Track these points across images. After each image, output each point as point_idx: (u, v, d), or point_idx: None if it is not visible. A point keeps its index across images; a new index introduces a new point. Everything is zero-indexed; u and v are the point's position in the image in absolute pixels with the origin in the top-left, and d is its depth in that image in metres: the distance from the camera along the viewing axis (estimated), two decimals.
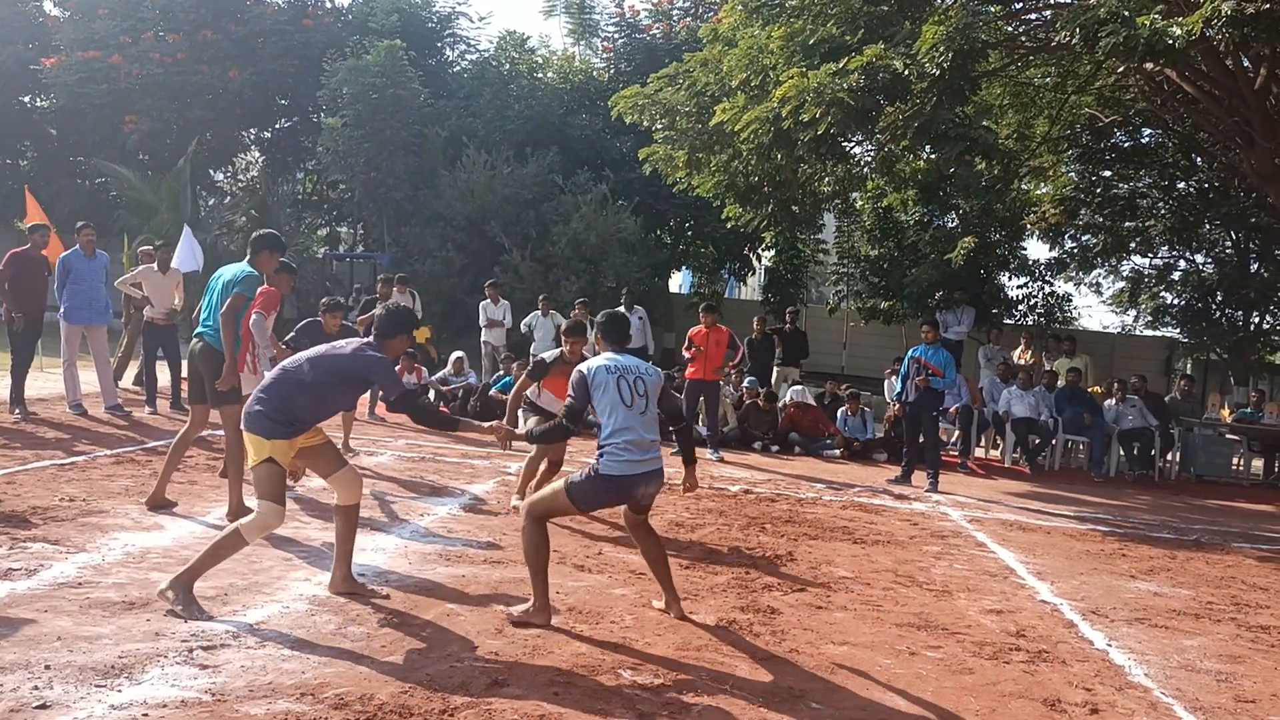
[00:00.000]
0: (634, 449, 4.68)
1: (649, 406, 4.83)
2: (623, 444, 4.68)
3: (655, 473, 4.80)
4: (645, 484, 4.77)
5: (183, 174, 21.11)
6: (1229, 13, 8.23)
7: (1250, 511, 10.95)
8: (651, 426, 4.81)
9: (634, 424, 4.72)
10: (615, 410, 4.73)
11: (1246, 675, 4.89)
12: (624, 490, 4.75)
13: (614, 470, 4.69)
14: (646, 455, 4.73)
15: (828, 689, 4.20)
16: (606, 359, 4.90)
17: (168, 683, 3.67)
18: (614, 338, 5.06)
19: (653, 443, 4.78)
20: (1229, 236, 19.49)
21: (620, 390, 4.76)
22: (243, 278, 6.63)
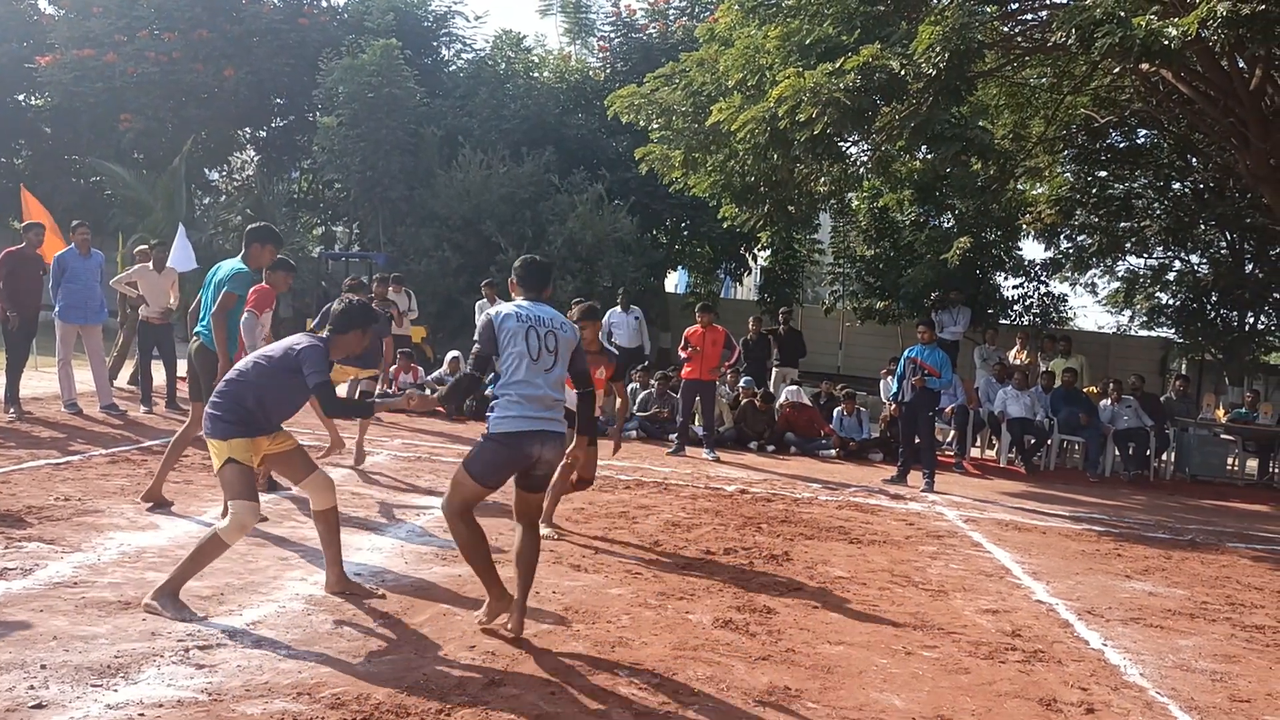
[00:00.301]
0: (528, 403, 4.33)
1: (557, 364, 4.46)
2: (516, 397, 4.33)
3: (553, 435, 4.41)
4: (541, 444, 4.36)
5: (178, 173, 21.09)
6: (1224, 14, 8.26)
7: (1245, 511, 10.98)
8: (557, 387, 4.46)
9: (536, 380, 4.37)
10: (519, 363, 4.37)
11: (1242, 675, 4.90)
12: (517, 450, 4.35)
13: (504, 427, 4.33)
14: (544, 413, 4.37)
15: (824, 689, 4.20)
16: (517, 306, 4.52)
17: (164, 682, 3.66)
18: (530, 283, 4.68)
19: (556, 402, 4.43)
20: (1224, 237, 19.53)
21: (529, 342, 4.40)
22: (233, 275, 6.59)
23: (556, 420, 4.42)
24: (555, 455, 4.46)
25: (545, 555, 6.00)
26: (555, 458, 4.47)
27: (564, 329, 4.53)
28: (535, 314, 4.48)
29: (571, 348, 4.54)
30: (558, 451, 4.48)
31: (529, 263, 4.73)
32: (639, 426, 12.49)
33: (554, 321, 4.50)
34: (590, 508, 7.62)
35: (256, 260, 6.73)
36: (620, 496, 8.24)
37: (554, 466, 4.52)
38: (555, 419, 4.41)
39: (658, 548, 6.50)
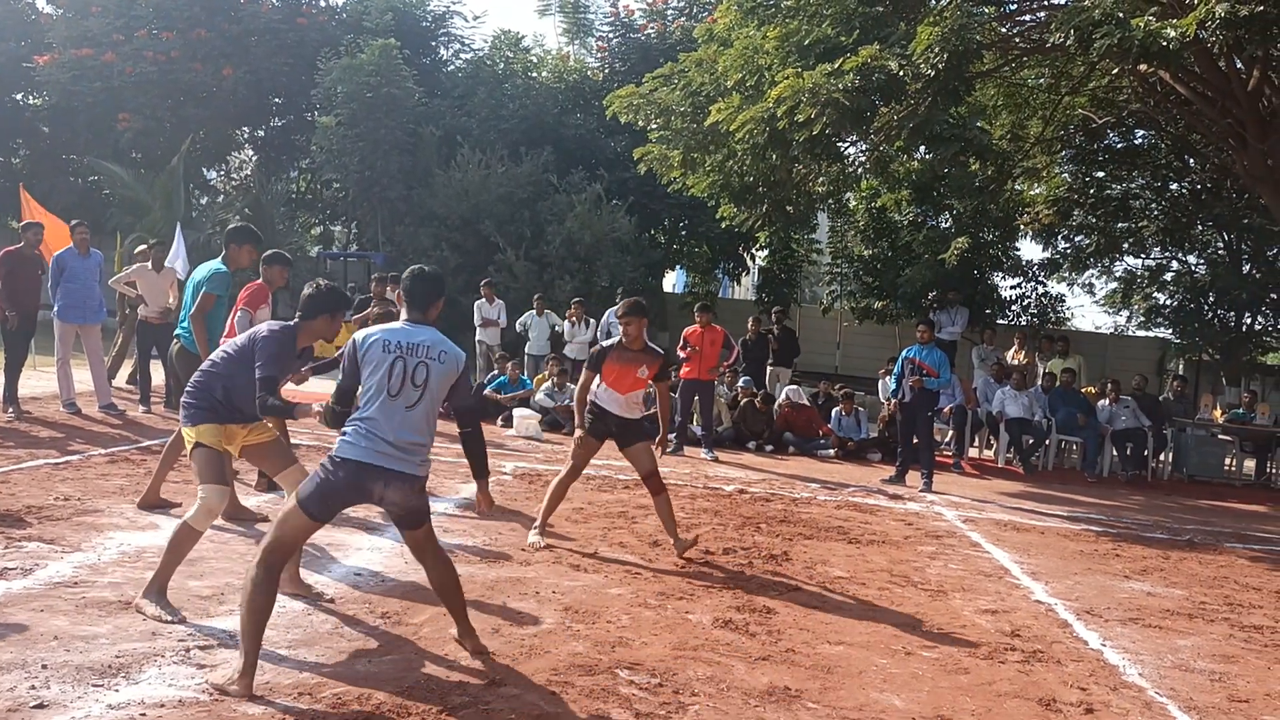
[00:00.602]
0: (377, 440, 3.85)
1: (422, 400, 3.93)
2: (366, 431, 3.87)
3: (401, 476, 3.88)
4: (385, 484, 3.86)
5: (176, 172, 21.06)
6: (1223, 15, 8.27)
7: (1242, 512, 11.00)
8: (417, 426, 3.92)
9: (392, 419, 3.87)
10: (375, 398, 3.90)
11: (1240, 675, 4.92)
12: (357, 482, 3.85)
13: (346, 454, 3.85)
14: (394, 452, 3.86)
15: (824, 689, 4.21)
16: (388, 330, 4.02)
17: (165, 682, 3.67)
18: (415, 300, 4.12)
19: (414, 445, 3.92)
20: (1221, 237, 19.57)
21: (391, 373, 3.90)
22: (211, 276, 6.56)
23: (409, 461, 3.90)
24: (403, 498, 3.92)
25: (546, 556, 6.02)
26: (404, 500, 3.93)
27: (442, 358, 3.97)
28: (409, 340, 3.96)
29: (450, 380, 4.00)
30: (407, 494, 3.92)
31: (417, 276, 4.17)
32: None
33: (431, 350, 3.96)
34: (589, 508, 7.64)
35: (235, 261, 6.65)
36: (619, 496, 8.24)
37: (405, 508, 3.97)
38: (407, 459, 3.90)
39: (657, 548, 6.51)
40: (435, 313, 4.16)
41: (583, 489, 8.47)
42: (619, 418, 6.46)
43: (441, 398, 4.02)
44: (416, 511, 4.04)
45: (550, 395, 12.59)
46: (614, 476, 9.24)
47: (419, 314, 4.10)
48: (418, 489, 3.98)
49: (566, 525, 6.96)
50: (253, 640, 3.72)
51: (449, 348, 4.03)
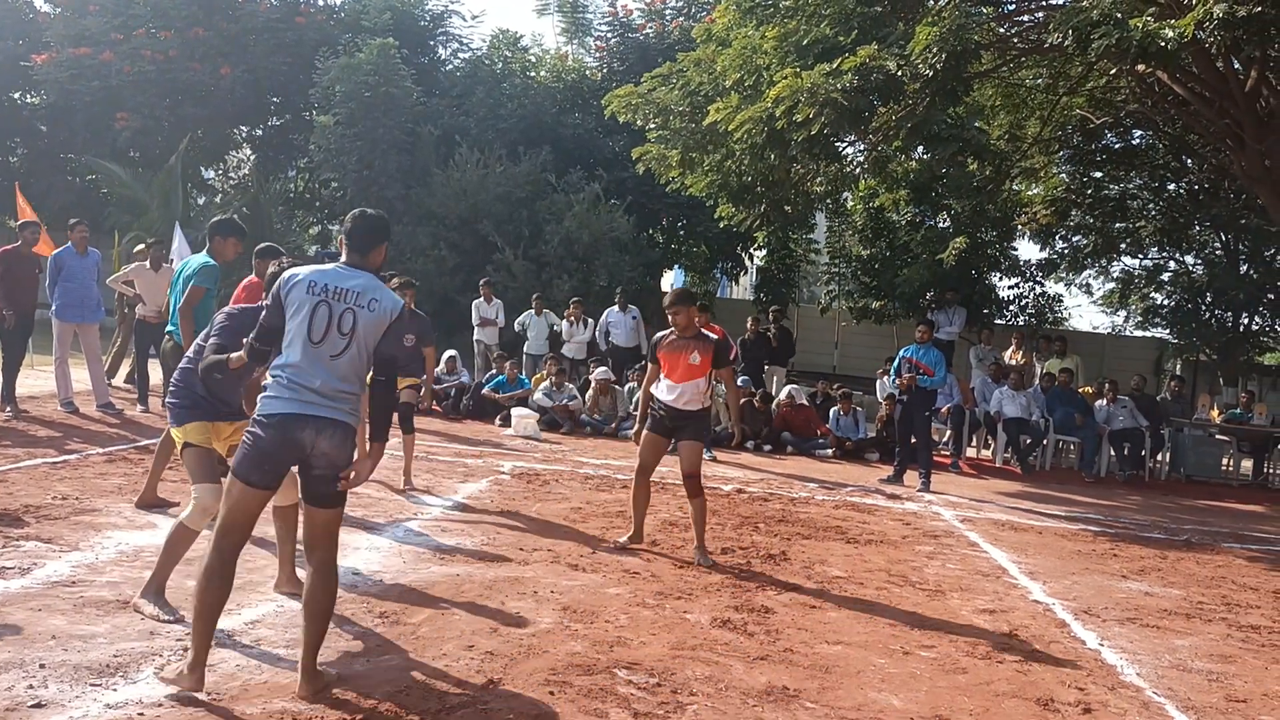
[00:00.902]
0: (300, 389, 3.61)
1: (349, 348, 3.65)
2: (288, 380, 3.62)
3: (330, 423, 3.61)
4: (315, 432, 3.59)
5: (174, 171, 21.03)
6: (1221, 15, 8.28)
7: (1240, 512, 11.01)
8: (343, 374, 3.66)
9: (315, 366, 3.61)
10: (295, 343, 3.64)
11: (1238, 675, 4.92)
12: (287, 435, 3.59)
13: (272, 409, 3.60)
14: (324, 400, 3.61)
15: (822, 688, 4.22)
16: (318, 271, 3.74)
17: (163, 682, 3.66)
18: (355, 242, 3.83)
19: (340, 393, 3.64)
20: (1219, 238, 19.59)
21: (313, 318, 3.63)
22: (199, 269, 6.52)
23: (337, 408, 3.64)
24: (334, 448, 3.63)
25: (544, 553, 6.02)
26: (336, 452, 3.64)
27: (372, 306, 3.68)
28: (337, 285, 3.68)
29: (380, 328, 3.70)
30: (340, 446, 3.65)
31: (357, 216, 3.89)
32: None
33: (362, 296, 3.69)
34: (588, 507, 7.63)
35: (220, 254, 6.58)
36: (618, 496, 8.24)
37: (335, 463, 3.65)
38: (336, 406, 3.63)
39: (655, 547, 6.51)
40: (378, 258, 3.89)
41: (581, 489, 8.47)
42: (673, 409, 6.43)
43: (370, 347, 3.72)
44: (336, 477, 3.68)
45: (548, 395, 12.60)
46: (612, 476, 9.24)
47: (358, 257, 3.82)
48: (350, 444, 3.70)
49: (563, 524, 6.96)
50: (203, 632, 3.58)
51: (383, 295, 3.75)
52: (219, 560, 3.62)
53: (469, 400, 13.06)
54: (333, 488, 3.70)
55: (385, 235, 3.92)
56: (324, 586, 3.73)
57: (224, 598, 3.66)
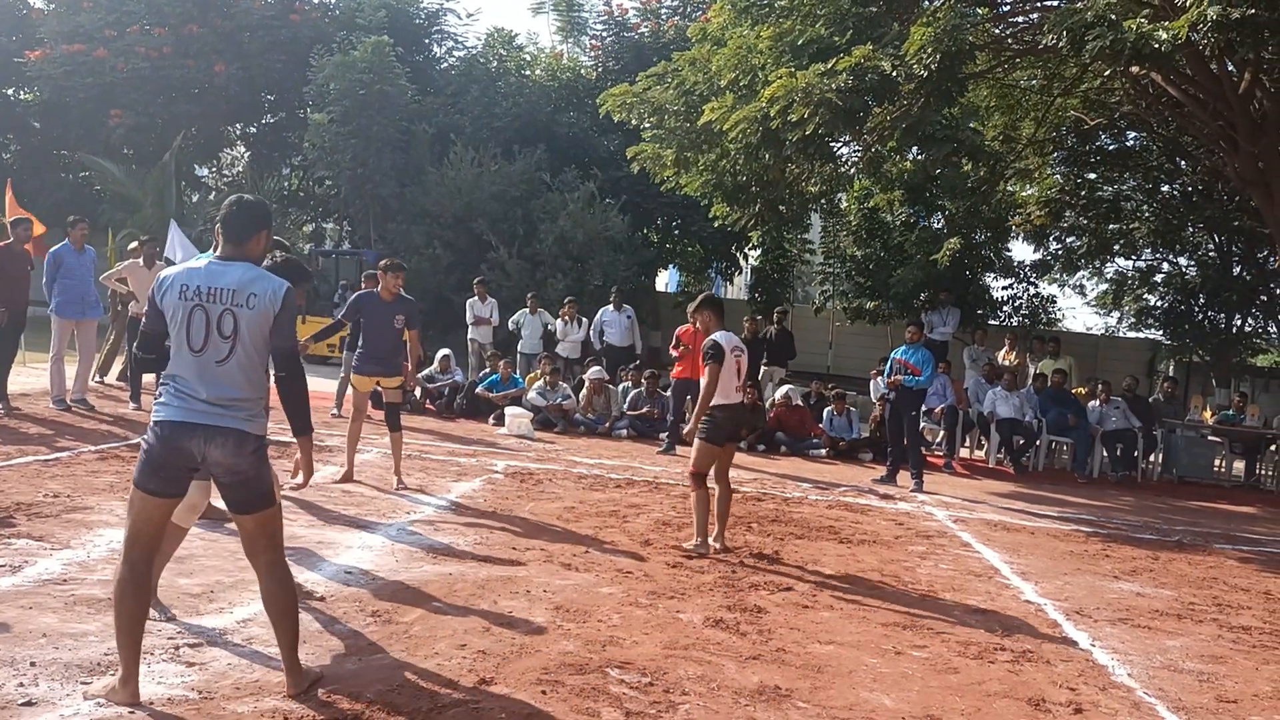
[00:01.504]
0: (188, 397, 3.45)
1: (236, 351, 3.46)
2: (175, 389, 3.48)
3: (223, 432, 3.44)
4: (205, 441, 3.43)
5: (168, 169, 21.02)
6: (1214, 17, 8.30)
7: (1231, 513, 11.04)
8: (233, 380, 3.47)
9: (200, 375, 3.45)
10: (177, 351, 3.48)
11: (1228, 676, 4.94)
12: (176, 444, 3.44)
13: (159, 415, 3.48)
14: (213, 408, 3.44)
15: (814, 688, 4.22)
16: (189, 271, 3.53)
17: (153, 680, 3.66)
18: (230, 230, 3.59)
19: (233, 401, 3.46)
20: (1212, 239, 19.63)
21: (189, 326, 3.44)
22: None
23: (230, 415, 3.46)
24: (228, 456, 3.46)
25: (536, 553, 6.02)
26: (231, 460, 3.47)
27: (251, 302, 3.46)
28: (210, 285, 3.46)
29: (265, 325, 3.49)
30: (234, 454, 3.47)
31: (234, 203, 3.65)
32: (629, 425, 12.49)
33: (238, 294, 3.46)
34: (581, 507, 7.63)
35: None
36: (611, 495, 8.24)
37: (236, 472, 3.50)
38: (227, 414, 3.46)
39: (649, 547, 6.51)
40: (256, 248, 3.65)
41: (574, 488, 8.48)
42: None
43: (261, 344, 3.51)
44: (246, 483, 3.53)
45: (542, 394, 12.59)
46: (605, 476, 9.24)
47: (233, 248, 3.58)
48: (248, 449, 3.49)
49: (557, 524, 6.96)
50: (128, 646, 3.46)
51: (262, 287, 3.49)
52: (130, 571, 3.48)
53: (463, 399, 13.04)
54: (246, 493, 3.55)
55: (265, 223, 3.68)
56: (279, 587, 3.65)
57: (144, 608, 3.57)
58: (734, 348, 6.72)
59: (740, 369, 6.73)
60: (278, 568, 3.66)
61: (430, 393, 13.17)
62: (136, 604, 3.50)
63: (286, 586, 3.67)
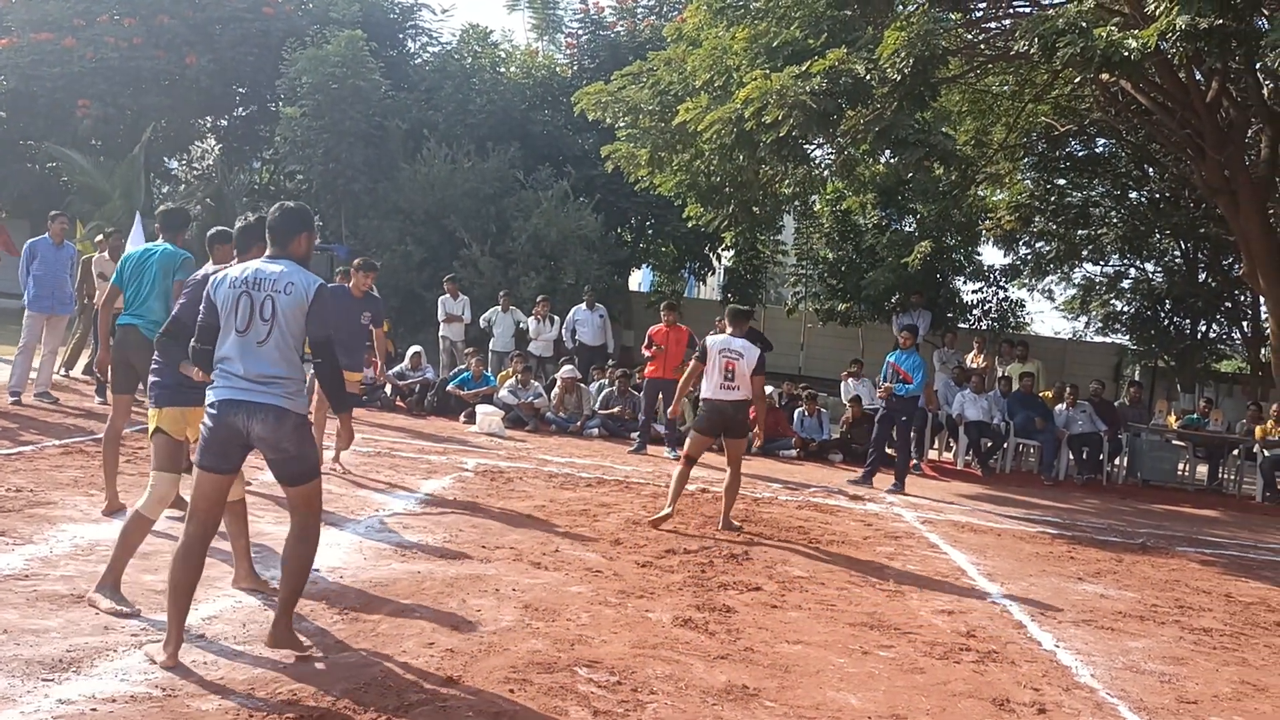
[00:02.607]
0: (233, 377, 3.86)
1: (274, 334, 3.87)
2: (222, 370, 3.90)
3: (263, 408, 3.83)
4: (248, 417, 3.82)
5: (137, 161, 20.75)
6: (1183, 26, 8.41)
7: (1194, 516, 11.19)
8: (272, 360, 3.87)
9: (244, 354, 3.86)
10: (225, 337, 3.90)
11: (1189, 676, 5.00)
12: (224, 419, 3.84)
13: (210, 397, 3.90)
14: (254, 385, 3.84)
15: (781, 687, 4.24)
16: (241, 267, 4.01)
17: (117, 677, 3.62)
18: (274, 235, 4.06)
19: (269, 377, 3.85)
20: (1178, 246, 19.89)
21: (238, 310, 3.88)
22: (181, 262, 6.37)
23: (270, 392, 3.85)
24: (271, 433, 3.85)
25: (506, 551, 6.01)
26: (273, 435, 3.85)
27: (288, 289, 3.89)
28: (256, 276, 3.91)
29: (301, 310, 3.89)
30: (275, 428, 3.85)
31: (277, 209, 4.12)
32: (601, 424, 12.49)
33: (278, 282, 3.90)
34: (551, 505, 7.62)
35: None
36: (582, 494, 8.24)
37: (279, 448, 3.88)
38: (268, 391, 3.85)
39: (618, 546, 6.51)
40: (299, 249, 4.07)
41: (545, 487, 8.46)
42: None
43: (297, 330, 3.91)
44: (289, 459, 3.92)
45: (514, 392, 12.56)
46: (576, 475, 9.24)
47: (278, 249, 4.04)
48: (288, 425, 3.86)
49: (527, 522, 6.95)
50: (175, 612, 3.80)
51: (299, 279, 3.93)
52: (185, 546, 3.87)
53: (434, 396, 12.99)
54: (291, 467, 3.94)
55: (304, 224, 4.11)
56: (303, 545, 4.01)
57: (194, 578, 3.89)
58: (723, 350, 7.48)
59: (731, 369, 7.42)
60: (309, 529, 4.03)
61: (401, 390, 13.10)
62: (184, 575, 3.85)
63: (308, 546, 4.03)
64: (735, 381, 7.44)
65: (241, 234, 4.57)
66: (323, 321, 3.96)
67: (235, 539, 4.80)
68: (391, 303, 16.22)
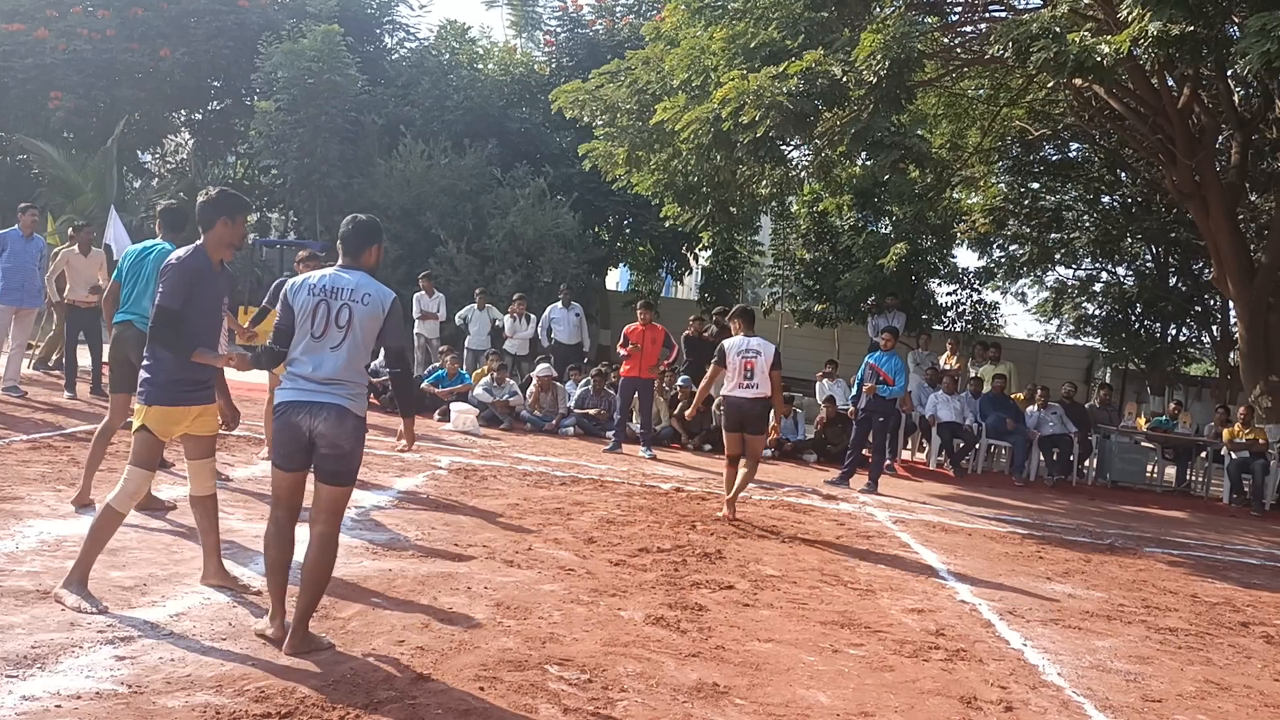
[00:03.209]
0: (301, 379, 4.04)
1: (347, 340, 4.06)
2: (291, 374, 4.08)
3: (326, 407, 4.00)
4: (311, 416, 3.99)
5: (109, 154, 20.56)
6: (1155, 33, 8.51)
7: (1162, 517, 11.31)
8: (341, 364, 4.04)
9: (315, 358, 4.04)
10: (300, 340, 4.08)
11: (1154, 676, 5.06)
12: (290, 420, 4.03)
13: (278, 399, 4.09)
14: (319, 387, 4.02)
15: (752, 685, 4.25)
16: (319, 274, 4.17)
17: (82, 674, 3.59)
18: (348, 247, 4.24)
19: (336, 380, 4.03)
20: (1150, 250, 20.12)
21: (315, 316, 4.05)
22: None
23: (334, 393, 4.02)
24: (332, 430, 4.01)
25: (479, 549, 6.00)
26: (334, 433, 4.01)
27: (365, 300, 4.08)
28: (334, 284, 4.09)
29: (377, 322, 4.11)
30: (336, 427, 4.01)
31: (350, 222, 4.29)
32: (576, 423, 12.48)
33: (355, 292, 4.09)
34: (525, 504, 7.61)
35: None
36: (556, 493, 8.23)
37: (336, 445, 4.03)
38: (332, 392, 4.02)
39: (591, 544, 6.52)
40: (370, 259, 4.27)
41: (519, 485, 8.45)
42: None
43: (369, 339, 4.12)
44: (342, 456, 4.07)
45: (489, 390, 12.53)
46: (550, 474, 9.23)
47: (350, 259, 4.22)
48: (348, 424, 4.05)
49: (500, 521, 6.94)
50: (275, 589, 4.14)
51: (375, 290, 4.13)
52: (275, 528, 4.13)
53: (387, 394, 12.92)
54: (336, 465, 4.07)
55: (376, 236, 4.30)
56: (319, 556, 4.10)
57: (289, 556, 4.16)
58: (740, 351, 8.03)
59: (750, 368, 7.94)
60: (328, 541, 4.13)
61: (375, 386, 13.04)
62: (279, 553, 4.13)
63: (325, 561, 4.12)
64: (755, 379, 7.90)
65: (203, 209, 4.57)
66: (397, 333, 4.22)
67: (205, 534, 4.77)
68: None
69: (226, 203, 4.59)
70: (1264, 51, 7.91)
